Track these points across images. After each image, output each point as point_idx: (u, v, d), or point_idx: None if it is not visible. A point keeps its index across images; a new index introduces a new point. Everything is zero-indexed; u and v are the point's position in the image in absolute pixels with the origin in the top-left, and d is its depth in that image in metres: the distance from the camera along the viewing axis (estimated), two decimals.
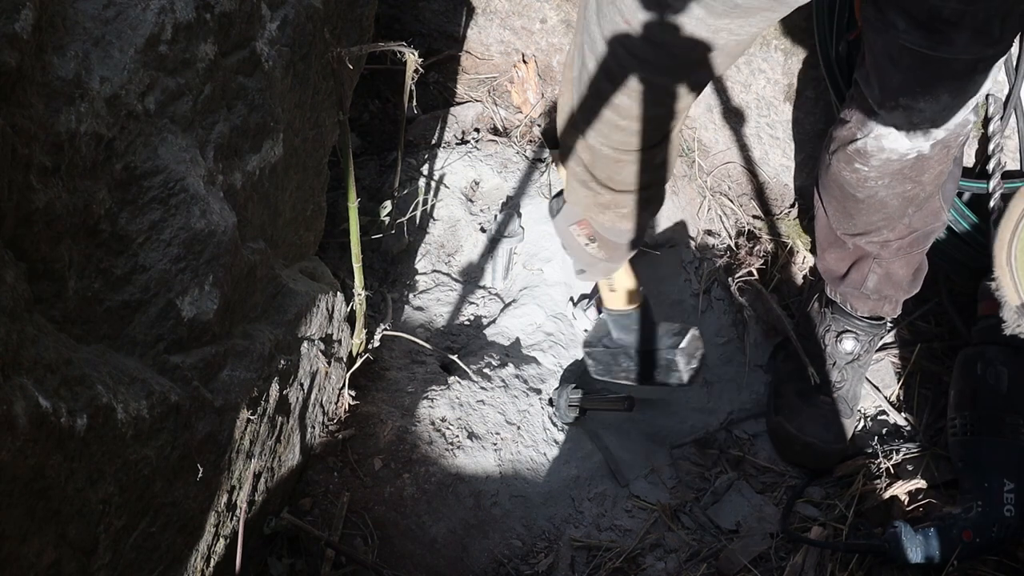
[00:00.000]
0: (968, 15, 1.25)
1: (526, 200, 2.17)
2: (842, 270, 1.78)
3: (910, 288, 1.77)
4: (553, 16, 2.30)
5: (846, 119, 1.55)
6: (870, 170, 1.54)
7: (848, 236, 1.70)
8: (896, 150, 1.49)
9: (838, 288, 1.82)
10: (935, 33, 1.29)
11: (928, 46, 1.30)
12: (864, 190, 1.58)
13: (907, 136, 1.46)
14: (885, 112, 1.45)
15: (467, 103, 2.38)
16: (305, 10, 1.39)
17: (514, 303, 2.08)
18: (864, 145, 1.51)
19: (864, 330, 1.84)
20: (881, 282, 1.75)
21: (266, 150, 1.36)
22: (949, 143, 1.49)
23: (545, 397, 1.93)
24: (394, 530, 1.65)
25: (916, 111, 1.42)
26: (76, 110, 0.95)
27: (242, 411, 1.31)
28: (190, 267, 1.15)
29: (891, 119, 1.45)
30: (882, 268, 1.73)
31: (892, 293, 1.77)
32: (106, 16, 1.02)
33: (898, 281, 1.75)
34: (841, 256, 1.76)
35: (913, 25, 1.30)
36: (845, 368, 1.87)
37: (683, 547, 1.72)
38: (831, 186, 1.65)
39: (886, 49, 1.38)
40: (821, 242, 1.80)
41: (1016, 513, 1.60)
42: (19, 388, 0.82)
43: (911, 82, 1.39)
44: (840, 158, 1.58)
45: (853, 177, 1.57)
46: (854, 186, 1.58)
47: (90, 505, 0.97)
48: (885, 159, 1.51)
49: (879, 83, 1.44)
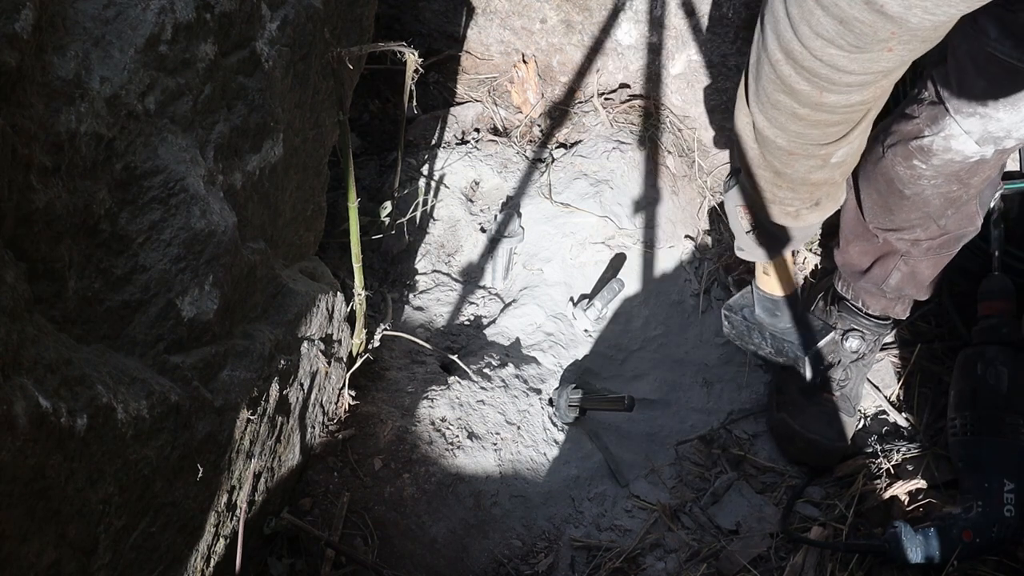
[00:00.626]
0: None
1: (526, 200, 2.17)
2: (865, 265, 1.78)
3: (927, 291, 1.77)
4: (553, 16, 2.30)
5: (912, 115, 1.54)
6: (927, 168, 1.53)
7: (881, 230, 1.69)
8: (962, 152, 1.49)
9: (856, 283, 1.82)
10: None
11: (1017, 56, 1.30)
12: (914, 187, 1.57)
13: (977, 142, 1.46)
14: (961, 116, 1.45)
15: (467, 103, 2.38)
16: (305, 10, 1.39)
17: (514, 303, 2.08)
18: (931, 143, 1.51)
19: (870, 329, 1.84)
20: (904, 280, 1.75)
21: (266, 150, 1.36)
22: (1010, 151, 1.49)
23: (545, 397, 1.93)
24: (394, 530, 1.65)
25: (994, 120, 1.42)
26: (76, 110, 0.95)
27: (242, 411, 1.31)
28: (190, 267, 1.15)
29: (966, 124, 1.45)
30: (908, 267, 1.72)
31: (912, 292, 1.77)
32: (106, 16, 1.02)
33: (921, 281, 1.75)
34: (867, 250, 1.76)
35: (1005, 35, 1.29)
36: (849, 367, 1.87)
37: (683, 547, 1.72)
38: (877, 178, 1.64)
39: (972, 55, 1.37)
40: (847, 234, 1.80)
41: (1016, 513, 1.60)
42: (19, 388, 0.82)
43: (994, 90, 1.39)
44: (898, 152, 1.57)
45: (907, 173, 1.56)
46: (904, 182, 1.58)
47: (90, 505, 0.97)
48: (948, 159, 1.51)
49: (960, 86, 1.43)
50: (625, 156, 2.20)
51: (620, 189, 2.17)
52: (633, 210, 2.16)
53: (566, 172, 2.21)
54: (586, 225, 2.13)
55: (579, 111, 2.33)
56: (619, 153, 2.20)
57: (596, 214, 2.14)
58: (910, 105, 1.57)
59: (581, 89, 2.35)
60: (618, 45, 2.29)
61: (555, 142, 2.30)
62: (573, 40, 2.31)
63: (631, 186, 2.18)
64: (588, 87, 2.34)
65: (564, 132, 2.32)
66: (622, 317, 2.10)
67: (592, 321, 2.06)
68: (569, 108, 2.34)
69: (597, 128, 2.28)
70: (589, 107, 2.32)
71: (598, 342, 2.07)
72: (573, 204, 2.15)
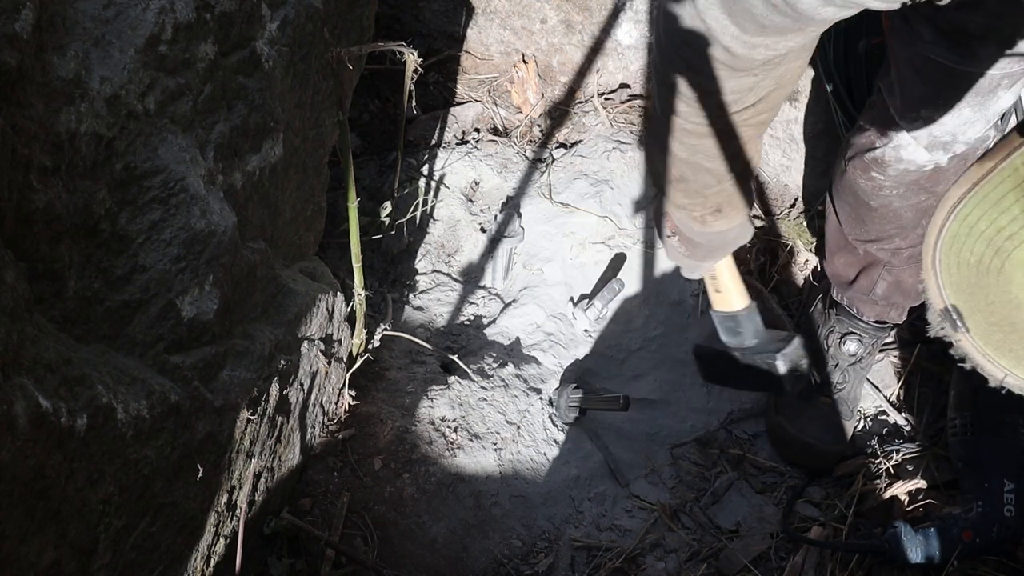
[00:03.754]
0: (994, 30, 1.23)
1: (526, 200, 2.17)
2: (851, 275, 1.78)
3: (918, 297, 1.77)
4: (553, 16, 2.30)
5: (865, 127, 1.54)
6: (886, 179, 1.53)
7: (859, 242, 1.69)
8: (914, 161, 1.48)
9: (846, 293, 1.81)
10: (961, 47, 1.27)
11: (953, 59, 1.29)
12: (878, 199, 1.57)
13: (927, 148, 1.46)
14: (906, 123, 1.44)
15: (467, 103, 2.38)
16: (305, 10, 1.39)
17: (514, 303, 2.08)
18: (882, 154, 1.51)
19: (869, 332, 1.84)
20: (890, 289, 1.74)
21: (266, 150, 1.36)
22: (967, 156, 1.48)
23: (545, 397, 1.93)
24: (394, 530, 1.65)
25: (938, 123, 1.41)
26: (76, 110, 0.95)
27: (242, 411, 1.31)
28: (190, 267, 1.15)
29: (912, 129, 1.45)
30: (892, 276, 1.72)
31: (900, 301, 1.77)
32: (106, 16, 1.02)
33: (907, 290, 1.74)
34: (850, 261, 1.76)
35: (940, 37, 1.29)
36: (847, 370, 1.86)
37: (683, 547, 1.72)
38: (845, 192, 1.65)
39: (911, 60, 1.37)
40: (831, 246, 1.80)
41: (1016, 513, 1.60)
42: (19, 388, 0.82)
43: (934, 94, 1.38)
44: (856, 165, 1.57)
45: (868, 185, 1.56)
46: (868, 194, 1.58)
47: (90, 505, 0.97)
48: (902, 169, 1.50)
49: (902, 93, 1.43)
50: (625, 156, 2.20)
51: (620, 189, 2.17)
52: (633, 210, 2.16)
53: (566, 172, 2.21)
54: (586, 225, 2.13)
55: (579, 111, 2.33)
56: (619, 153, 2.20)
57: (596, 214, 2.14)
58: (863, 116, 1.57)
59: (581, 89, 2.35)
60: (618, 45, 2.29)
61: (555, 142, 2.30)
62: (573, 40, 2.31)
63: (631, 186, 2.18)
64: (588, 87, 2.34)
65: (564, 132, 2.32)
66: (622, 317, 2.10)
67: (592, 321, 2.06)
68: (569, 108, 2.34)
69: (597, 128, 2.28)
70: (589, 107, 2.32)
71: (598, 342, 2.07)
72: (573, 204, 2.15)
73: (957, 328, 0.88)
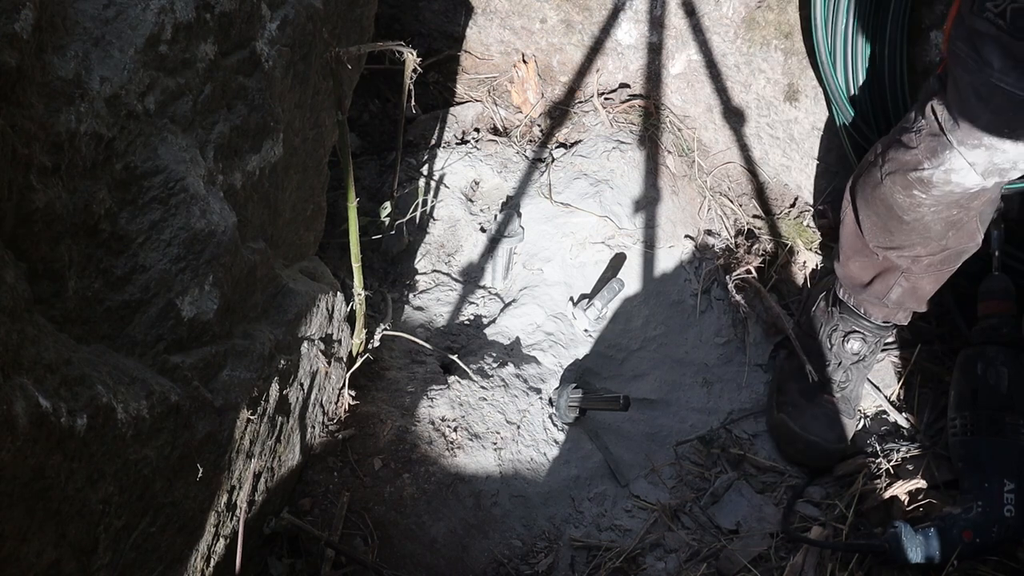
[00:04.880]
0: None
1: (526, 200, 2.17)
2: (865, 279, 1.77)
3: (929, 303, 1.77)
4: (553, 16, 2.30)
5: (910, 145, 1.53)
6: (927, 198, 1.53)
7: (881, 248, 1.69)
8: (962, 184, 1.48)
9: (857, 295, 1.81)
10: None
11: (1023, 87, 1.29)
12: (913, 214, 1.57)
13: (982, 174, 1.45)
14: (966, 149, 1.43)
15: (467, 103, 2.38)
16: (305, 10, 1.39)
17: (514, 303, 2.08)
18: (930, 176, 1.50)
19: (873, 332, 1.84)
20: (905, 295, 1.74)
21: (266, 150, 1.36)
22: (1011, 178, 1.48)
23: (545, 397, 1.93)
24: (394, 530, 1.65)
25: (999, 151, 1.41)
26: (76, 110, 0.95)
27: (242, 411, 1.31)
28: (190, 267, 1.15)
29: (971, 156, 1.44)
30: (909, 282, 1.72)
31: (913, 306, 1.77)
32: (106, 16, 1.02)
33: (922, 296, 1.74)
34: (867, 265, 1.75)
35: (1010, 66, 1.28)
36: (850, 368, 1.86)
37: (683, 547, 1.72)
38: (876, 203, 1.64)
39: (975, 88, 1.36)
40: (846, 249, 1.79)
41: (1016, 513, 1.60)
42: (19, 388, 0.82)
43: (1000, 122, 1.37)
44: (897, 181, 1.56)
45: (907, 202, 1.56)
46: (904, 209, 1.57)
47: (90, 505, 0.97)
48: (948, 191, 1.50)
49: (963, 118, 1.42)
50: (625, 156, 2.20)
51: (620, 189, 2.17)
52: (633, 210, 2.16)
53: (566, 172, 2.21)
54: (586, 225, 2.13)
55: (579, 111, 2.33)
56: (619, 153, 2.20)
57: (596, 214, 2.14)
58: (907, 134, 1.55)
59: (581, 89, 2.35)
60: (618, 45, 2.29)
61: (555, 142, 2.30)
62: (573, 40, 2.31)
63: (631, 186, 2.18)
64: (588, 87, 2.34)
65: (564, 132, 2.32)
66: (622, 317, 2.10)
67: (592, 321, 2.06)
68: (569, 108, 2.34)
69: (597, 128, 2.28)
70: (589, 107, 2.32)
71: (598, 342, 2.07)
72: (573, 204, 2.15)
73: None
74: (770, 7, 2.11)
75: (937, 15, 1.94)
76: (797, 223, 2.19)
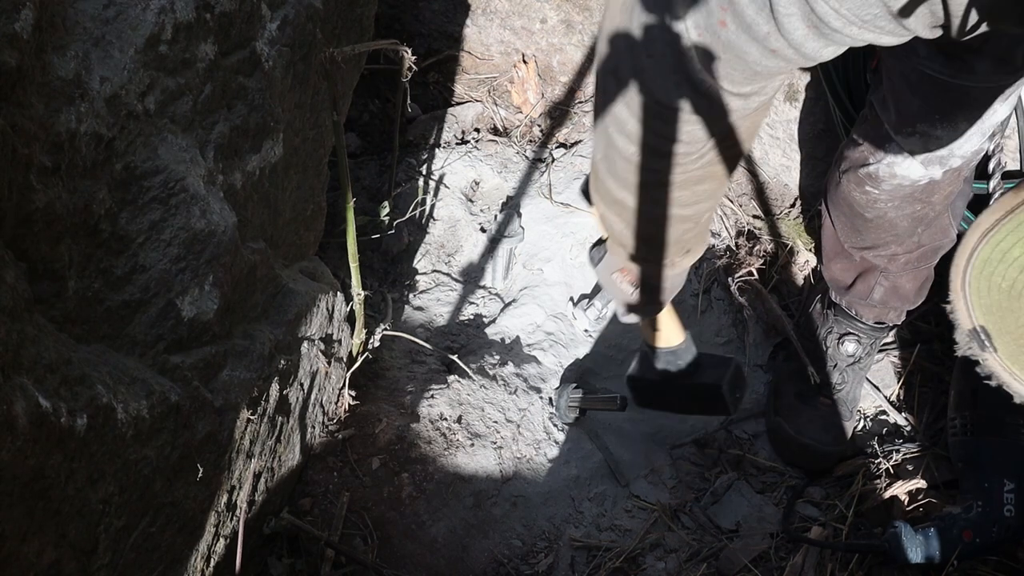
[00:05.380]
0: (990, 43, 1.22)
1: (526, 200, 2.17)
2: (848, 281, 1.78)
3: (915, 300, 1.77)
4: (553, 16, 2.30)
5: (858, 141, 1.54)
6: (880, 193, 1.53)
7: (855, 249, 1.70)
8: (908, 176, 1.48)
9: (844, 296, 1.82)
10: (956, 60, 1.27)
11: (948, 73, 1.28)
12: (873, 210, 1.57)
13: (922, 163, 1.45)
14: (901, 137, 1.44)
15: (467, 103, 2.38)
16: (305, 10, 1.39)
17: (514, 303, 2.08)
18: (876, 170, 1.50)
19: (867, 333, 1.84)
20: (887, 294, 1.75)
21: (266, 150, 1.36)
22: (962, 169, 1.48)
23: (545, 396, 1.93)
24: (394, 530, 1.65)
25: (933, 138, 1.40)
26: (76, 110, 0.95)
27: (242, 411, 1.31)
28: (190, 267, 1.15)
29: (907, 144, 1.44)
30: (889, 281, 1.72)
31: (898, 304, 1.77)
32: (106, 16, 1.02)
33: (904, 294, 1.75)
34: (847, 267, 1.76)
35: (934, 52, 1.28)
36: (846, 370, 1.86)
37: (683, 547, 1.72)
38: (840, 203, 1.65)
39: (905, 75, 1.36)
40: (827, 252, 1.80)
41: (1016, 513, 1.60)
42: (19, 388, 0.82)
43: (929, 109, 1.37)
44: (851, 179, 1.57)
45: (863, 198, 1.56)
46: (863, 206, 1.58)
47: (90, 505, 0.97)
48: (896, 184, 1.50)
49: (896, 108, 1.42)
50: None
51: None
52: None
53: (566, 172, 2.21)
54: (586, 225, 2.13)
55: (579, 111, 2.33)
56: None
57: None
58: (858, 129, 1.56)
59: (581, 89, 2.35)
60: None
61: (555, 142, 2.30)
62: (573, 40, 2.31)
63: None
64: (588, 87, 2.34)
65: (564, 132, 2.32)
66: None
67: (592, 321, 2.06)
68: (569, 108, 2.34)
69: None
70: (589, 107, 2.32)
71: (598, 342, 2.07)
72: (573, 204, 2.15)
73: (985, 348, 0.88)
74: None
75: None
76: (797, 223, 2.19)
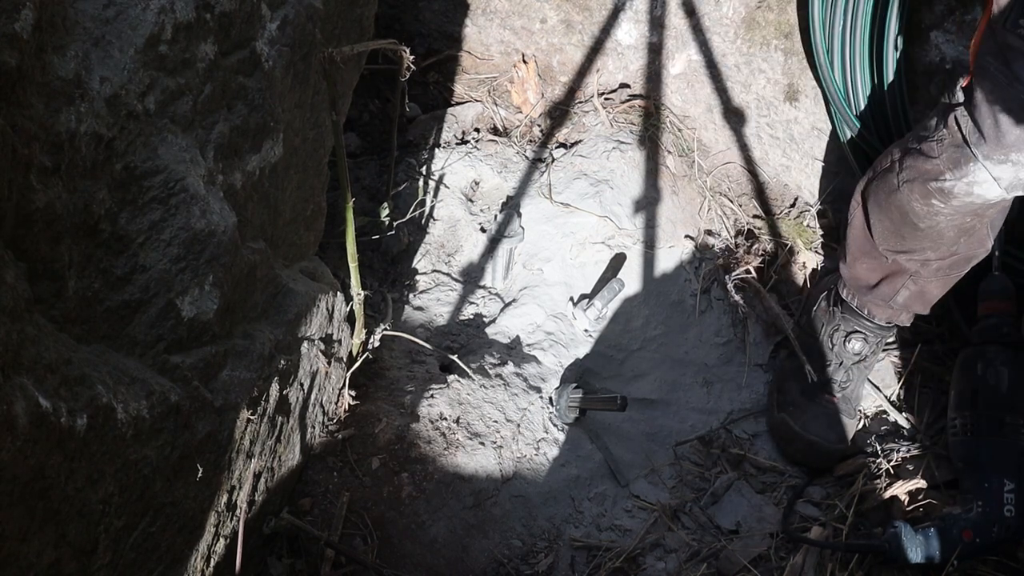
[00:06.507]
0: None
1: (526, 200, 2.17)
2: (872, 281, 1.77)
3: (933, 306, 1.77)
4: (553, 16, 2.30)
5: (931, 154, 1.52)
6: (946, 207, 1.52)
7: (890, 252, 1.69)
8: (984, 196, 1.48)
9: (863, 296, 1.81)
10: None
11: None
12: (929, 221, 1.56)
13: (1006, 188, 1.45)
14: (991, 164, 1.43)
15: (467, 103, 2.38)
16: (305, 10, 1.39)
17: (514, 303, 2.08)
18: (952, 187, 1.49)
19: (874, 332, 1.84)
20: (912, 298, 1.74)
21: (266, 150, 1.36)
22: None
23: (545, 396, 1.93)
24: (394, 530, 1.65)
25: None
26: (76, 110, 0.95)
27: (242, 411, 1.31)
28: (190, 267, 1.15)
29: (996, 171, 1.44)
30: (917, 286, 1.72)
31: (919, 309, 1.77)
32: (106, 16, 1.02)
33: (929, 299, 1.74)
34: (875, 268, 1.75)
35: None
36: (851, 368, 1.86)
37: (683, 547, 1.72)
38: (891, 209, 1.63)
39: (1005, 103, 1.36)
40: (854, 251, 1.79)
41: (1016, 513, 1.60)
42: (19, 388, 0.82)
43: None
44: (915, 189, 1.55)
45: (924, 210, 1.55)
46: (920, 217, 1.57)
47: (90, 505, 0.97)
48: (968, 202, 1.50)
49: (990, 133, 1.41)
50: (625, 156, 2.20)
51: (620, 189, 2.17)
52: (633, 210, 2.16)
53: (566, 172, 2.21)
54: (586, 225, 2.13)
55: (579, 111, 2.33)
56: (619, 153, 2.20)
57: (596, 214, 2.14)
58: (927, 143, 1.54)
59: (581, 89, 2.35)
60: (618, 45, 2.29)
61: (555, 142, 2.30)
62: (573, 40, 2.31)
63: (631, 186, 2.18)
64: (588, 87, 2.34)
65: (564, 132, 2.32)
66: (622, 317, 2.10)
67: (592, 321, 2.06)
68: (569, 108, 2.34)
69: (597, 128, 2.28)
70: (589, 107, 2.32)
71: (598, 342, 2.07)
72: (573, 204, 2.16)
73: None
74: (770, 7, 2.11)
75: (937, 15, 1.94)
76: (797, 223, 2.19)
